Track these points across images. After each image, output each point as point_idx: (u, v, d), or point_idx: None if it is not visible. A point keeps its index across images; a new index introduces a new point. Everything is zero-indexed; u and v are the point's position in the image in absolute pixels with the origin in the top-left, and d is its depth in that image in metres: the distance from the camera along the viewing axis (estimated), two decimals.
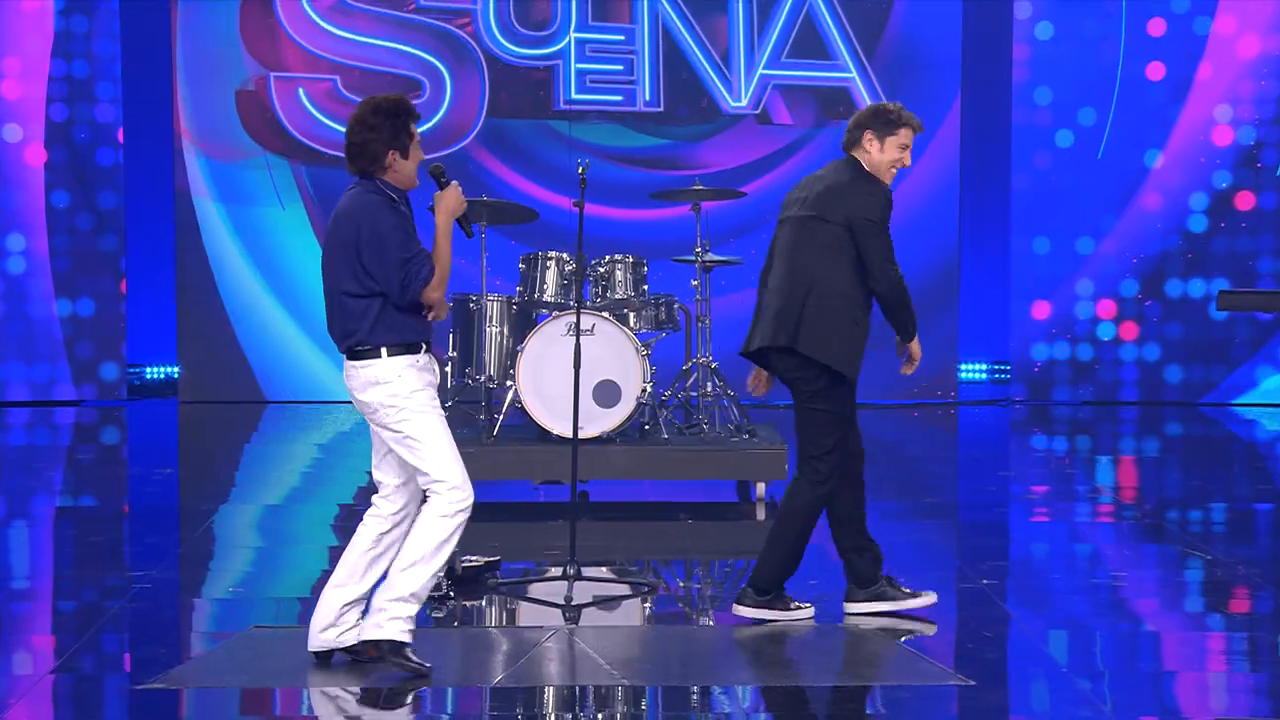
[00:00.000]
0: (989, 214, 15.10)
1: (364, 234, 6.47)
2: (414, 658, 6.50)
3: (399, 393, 6.47)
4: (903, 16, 14.76)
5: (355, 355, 6.51)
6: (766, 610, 7.24)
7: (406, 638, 6.50)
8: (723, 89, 14.68)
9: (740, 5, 14.72)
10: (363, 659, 6.55)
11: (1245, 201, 14.78)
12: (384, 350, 6.48)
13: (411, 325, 6.52)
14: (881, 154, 7.20)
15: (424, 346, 6.58)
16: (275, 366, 14.80)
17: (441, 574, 7.78)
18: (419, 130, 6.82)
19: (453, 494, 6.54)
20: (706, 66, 14.68)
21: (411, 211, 6.66)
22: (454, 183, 6.72)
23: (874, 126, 7.22)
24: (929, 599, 7.43)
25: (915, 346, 7.33)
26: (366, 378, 6.49)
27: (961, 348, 15.00)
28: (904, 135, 7.19)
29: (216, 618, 7.70)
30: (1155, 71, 14.75)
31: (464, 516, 6.56)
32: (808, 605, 7.32)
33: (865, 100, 14.62)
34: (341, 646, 6.58)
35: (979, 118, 14.96)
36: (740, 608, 7.28)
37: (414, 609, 6.51)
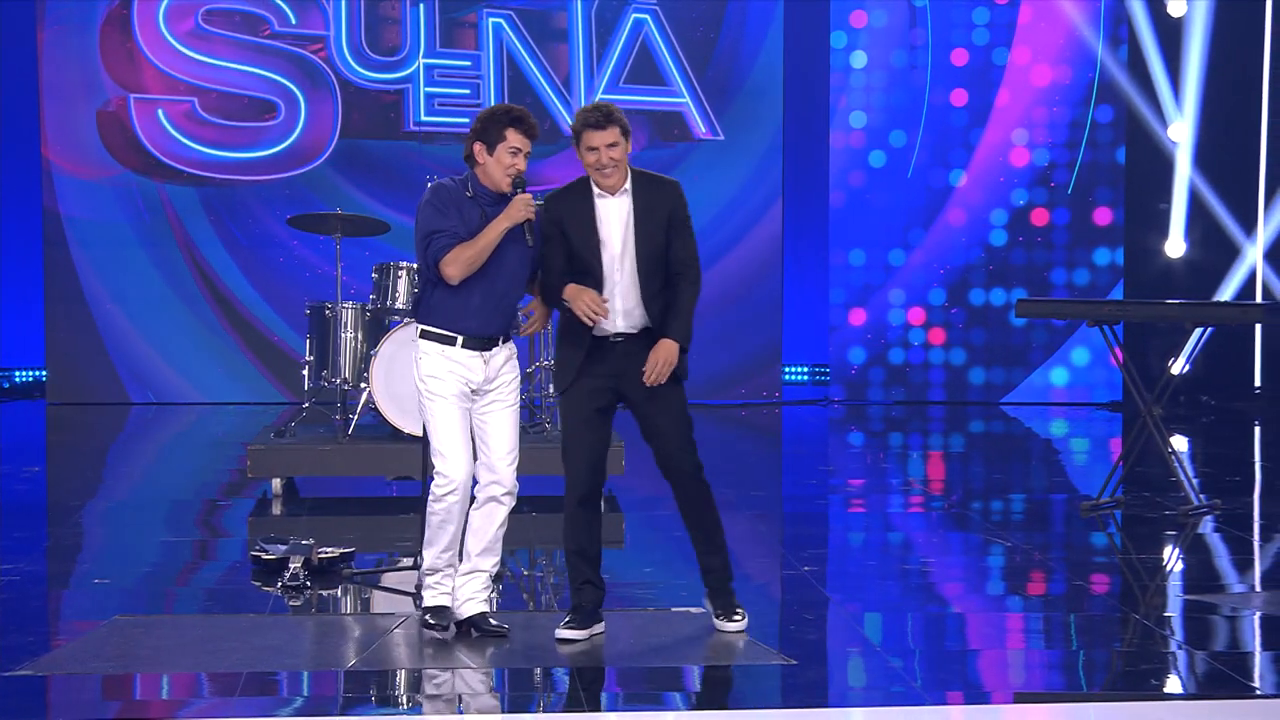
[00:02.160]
0: (809, 228, 15.23)
1: (418, 209, 6.70)
2: (441, 619, 6.72)
3: (422, 371, 6.64)
4: (730, 45, 14.85)
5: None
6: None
7: (444, 600, 6.73)
8: (564, 111, 14.66)
9: (580, 33, 14.72)
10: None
11: (1040, 218, 15.04)
12: (419, 328, 6.70)
13: (450, 315, 6.63)
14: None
15: (461, 340, 6.62)
16: (139, 370, 14.55)
17: (298, 564, 7.71)
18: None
19: (439, 478, 6.64)
20: (549, 90, 14.65)
21: (491, 211, 6.65)
22: (524, 194, 6.68)
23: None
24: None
25: None
26: (415, 354, 6.73)
27: (785, 351, 15.11)
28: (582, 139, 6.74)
29: (82, 608, 7.55)
30: (959, 98, 14.96)
31: (451, 500, 6.62)
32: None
33: (698, 123, 14.71)
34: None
35: (799, 139, 15.08)
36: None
37: (429, 577, 6.73)
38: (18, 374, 14.93)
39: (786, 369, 15.28)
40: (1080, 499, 10.17)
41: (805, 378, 15.43)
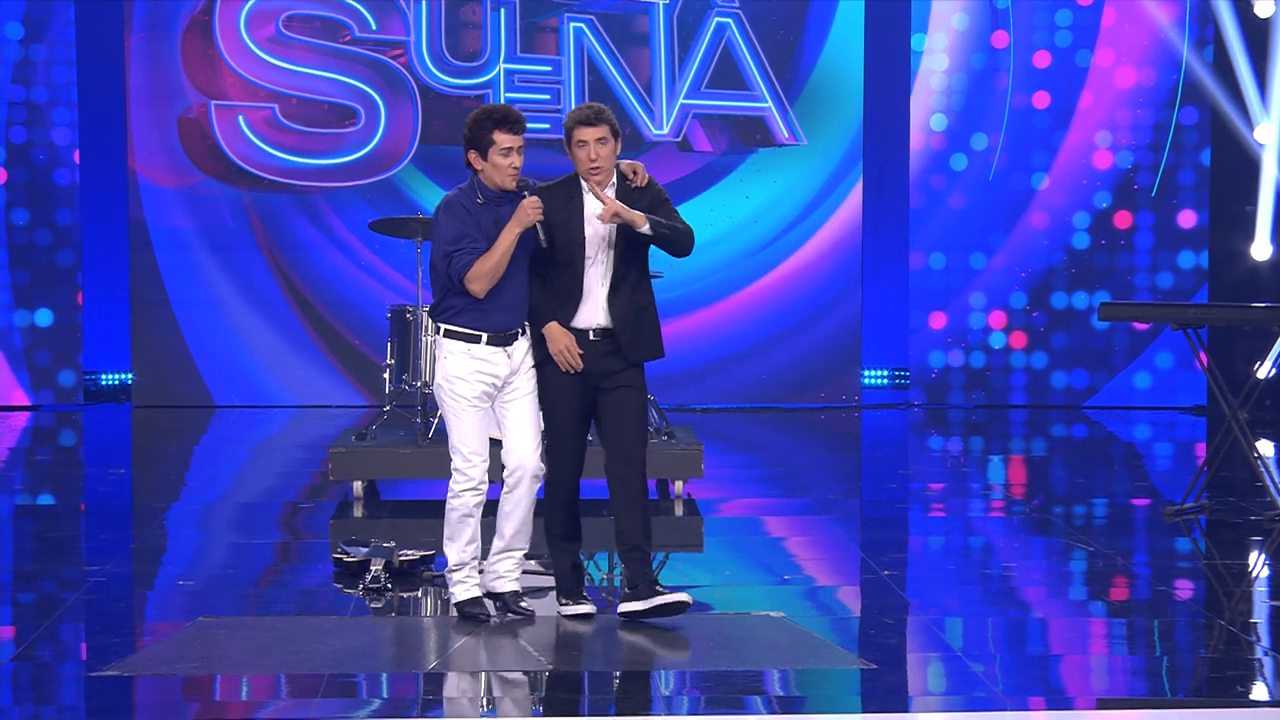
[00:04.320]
0: (890, 231, 15.16)
1: (433, 224, 6.89)
2: (479, 608, 7.01)
3: (445, 371, 6.86)
4: (812, 49, 14.79)
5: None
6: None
7: (475, 592, 7.03)
8: (645, 117, 14.66)
9: (662, 38, 14.72)
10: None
11: (1124, 220, 14.90)
12: (443, 328, 6.89)
13: (472, 315, 6.83)
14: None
15: (485, 338, 6.83)
16: (224, 373, 14.67)
17: (377, 564, 7.76)
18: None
19: (457, 475, 6.89)
20: (630, 96, 14.66)
21: (502, 213, 6.84)
22: (530, 198, 6.85)
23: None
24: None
25: None
26: (436, 353, 6.95)
27: (864, 355, 15.04)
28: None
29: (167, 609, 7.62)
30: (1041, 100, 14.85)
31: (470, 497, 6.89)
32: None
33: (780, 128, 14.68)
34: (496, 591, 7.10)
35: (880, 142, 15.01)
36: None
37: (455, 574, 7.01)
38: (104, 378, 15.09)
39: (866, 372, 15.21)
40: (1164, 504, 10.07)
41: (885, 381, 15.35)
